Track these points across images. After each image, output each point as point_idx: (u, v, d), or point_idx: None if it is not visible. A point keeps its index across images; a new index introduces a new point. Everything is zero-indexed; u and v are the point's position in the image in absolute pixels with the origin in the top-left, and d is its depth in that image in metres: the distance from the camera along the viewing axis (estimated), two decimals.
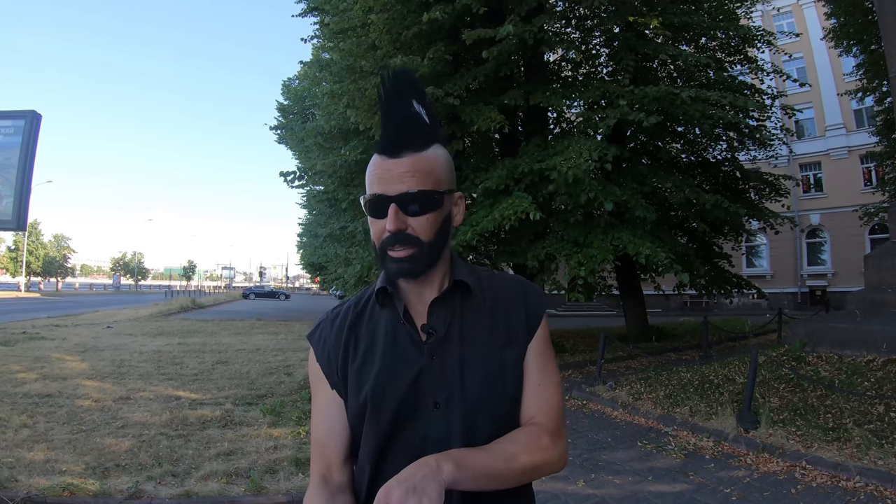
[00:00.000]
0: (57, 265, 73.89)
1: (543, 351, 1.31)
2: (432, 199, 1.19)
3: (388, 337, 1.26)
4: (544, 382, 1.28)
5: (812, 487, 4.97)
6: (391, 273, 1.23)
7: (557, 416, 1.28)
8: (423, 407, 1.21)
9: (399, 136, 1.19)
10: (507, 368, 1.25)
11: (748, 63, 14.69)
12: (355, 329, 1.32)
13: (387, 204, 1.17)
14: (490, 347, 1.25)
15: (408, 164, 1.17)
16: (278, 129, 27.08)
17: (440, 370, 1.21)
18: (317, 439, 1.32)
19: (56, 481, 4.70)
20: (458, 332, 1.25)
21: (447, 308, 1.27)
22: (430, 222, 1.20)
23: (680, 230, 14.66)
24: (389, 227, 1.17)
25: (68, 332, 17.11)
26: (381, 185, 1.18)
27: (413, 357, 1.23)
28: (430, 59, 9.94)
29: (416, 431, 1.20)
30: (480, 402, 1.21)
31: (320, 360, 1.33)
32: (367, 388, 1.23)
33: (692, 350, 13.59)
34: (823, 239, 29.25)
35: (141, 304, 35.55)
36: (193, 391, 8.72)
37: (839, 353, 8.46)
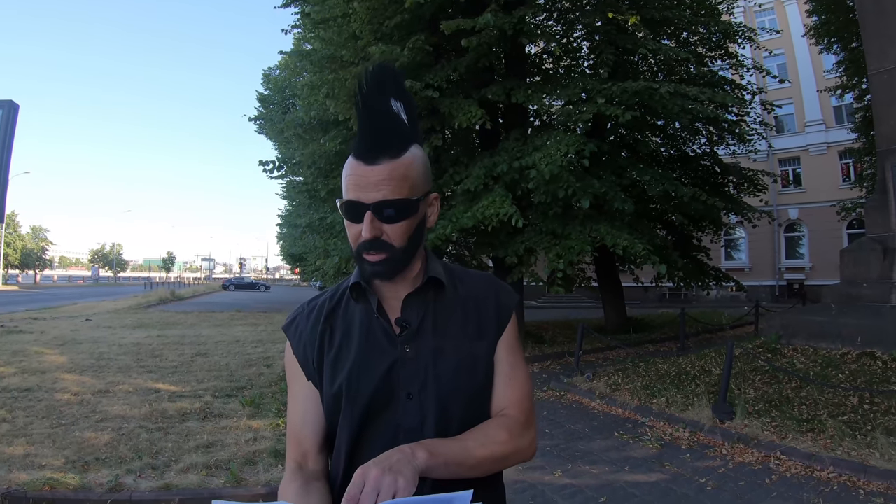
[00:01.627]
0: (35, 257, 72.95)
1: (513, 345, 1.35)
2: (407, 207, 1.21)
3: (363, 329, 1.29)
4: (514, 375, 1.32)
5: (786, 478, 5.06)
6: (367, 275, 1.26)
7: (527, 406, 1.32)
8: (396, 397, 1.23)
9: (376, 141, 1.19)
10: (478, 361, 1.28)
11: (729, 58, 14.79)
12: (331, 321, 1.34)
13: (363, 211, 1.18)
14: (462, 341, 1.28)
15: (384, 171, 1.17)
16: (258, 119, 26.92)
17: (413, 362, 1.24)
18: (292, 429, 1.34)
19: (36, 476, 4.68)
20: (430, 326, 1.28)
21: (421, 303, 1.29)
22: (404, 229, 1.21)
23: (659, 223, 14.77)
24: (365, 235, 1.18)
25: (47, 325, 16.92)
26: (357, 192, 1.19)
27: (387, 349, 1.26)
28: (410, 50, 9.90)
29: (390, 421, 1.23)
30: (452, 393, 1.24)
31: (296, 351, 1.35)
32: (341, 378, 1.25)
33: (670, 342, 13.72)
34: (801, 233, 29.57)
35: (120, 297, 35.23)
36: (173, 384, 8.68)
37: (814, 345, 8.58)
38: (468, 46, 9.79)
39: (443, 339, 1.27)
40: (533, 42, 11.74)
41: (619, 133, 13.50)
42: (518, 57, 12.01)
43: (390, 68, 1.25)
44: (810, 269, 28.59)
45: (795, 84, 28.57)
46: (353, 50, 10.97)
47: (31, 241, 73.39)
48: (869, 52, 9.75)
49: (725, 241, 27.48)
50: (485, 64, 10.74)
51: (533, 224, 10.71)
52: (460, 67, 10.56)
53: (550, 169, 8.97)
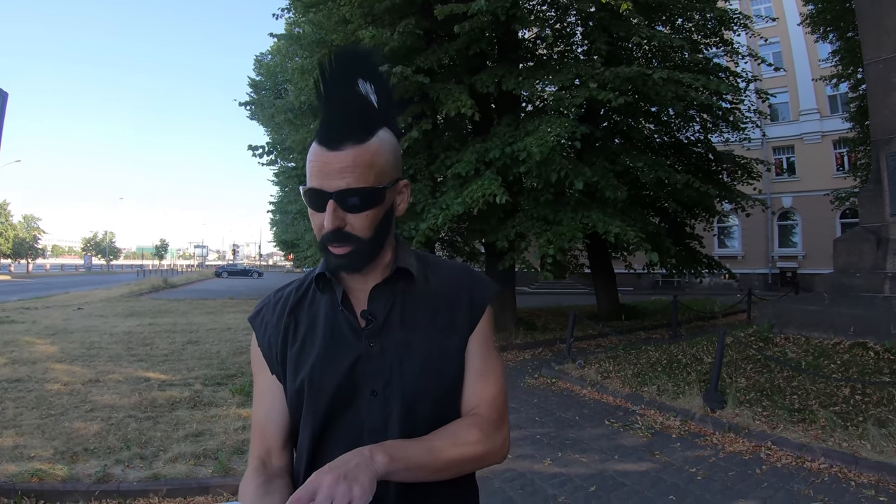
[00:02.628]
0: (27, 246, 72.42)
1: (486, 340, 1.29)
2: (373, 196, 1.14)
3: (327, 322, 1.24)
4: (486, 372, 1.26)
5: (777, 468, 5.05)
6: (332, 267, 1.21)
7: (500, 404, 1.26)
8: (360, 394, 1.19)
9: (340, 126, 1.12)
10: (448, 357, 1.23)
11: (724, 45, 14.74)
12: (295, 313, 1.29)
13: (325, 199, 1.12)
14: (431, 335, 1.23)
15: (348, 158, 1.11)
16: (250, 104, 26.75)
17: (378, 357, 1.20)
18: (257, 423, 1.30)
19: (25, 467, 4.65)
20: (398, 319, 1.22)
21: (388, 295, 1.24)
22: (369, 219, 1.16)
23: (652, 210, 14.77)
24: (327, 226, 1.12)
25: (38, 314, 16.88)
26: (320, 179, 1.13)
27: (351, 343, 1.21)
28: (401, 33, 9.82)
29: (354, 419, 1.19)
30: (419, 391, 1.19)
31: (261, 344, 1.31)
32: (303, 373, 1.21)
33: (662, 329, 13.74)
34: (795, 221, 29.60)
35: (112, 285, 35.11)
36: (163, 372, 8.66)
37: (807, 334, 8.58)
38: (460, 32, 9.71)
39: (410, 333, 1.22)
40: (526, 28, 11.66)
41: (612, 119, 13.46)
42: (511, 42, 11.91)
43: (360, 50, 1.19)
44: (803, 257, 28.64)
45: (790, 72, 28.50)
46: (344, 34, 10.87)
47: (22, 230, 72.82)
48: (865, 41, 9.71)
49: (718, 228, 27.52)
50: (477, 49, 10.66)
51: (524, 209, 10.68)
52: (451, 51, 10.49)
53: (542, 150, 8.91)
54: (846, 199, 21.07)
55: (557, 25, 13.00)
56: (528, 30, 12.54)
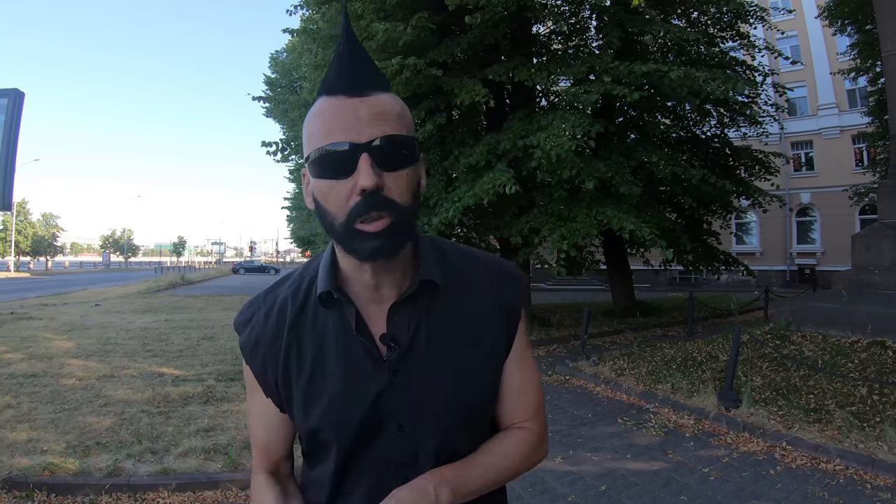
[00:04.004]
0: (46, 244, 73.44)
1: (524, 350, 1.16)
2: (412, 149, 0.97)
3: (340, 349, 1.07)
4: (527, 384, 1.16)
5: (791, 469, 4.98)
6: (365, 254, 0.95)
7: (543, 413, 1.20)
8: (385, 429, 1.05)
9: (363, 69, 0.96)
10: (481, 379, 1.10)
11: (740, 39, 14.59)
12: (297, 333, 1.10)
13: (355, 155, 0.90)
14: (459, 356, 1.08)
15: (380, 103, 0.94)
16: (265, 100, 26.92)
17: (404, 389, 1.04)
18: (258, 442, 1.20)
19: (37, 461, 4.68)
20: (423, 341, 1.06)
21: (410, 312, 1.06)
22: (410, 180, 0.97)
23: (668, 206, 14.66)
24: (365, 184, 0.89)
25: (57, 311, 16.97)
26: (344, 132, 0.91)
27: (371, 375, 1.04)
28: (413, 27, 9.80)
29: (379, 455, 1.06)
30: (451, 422, 1.06)
31: (252, 364, 1.14)
32: (318, 411, 1.06)
33: (678, 326, 13.64)
34: (813, 218, 29.30)
35: (130, 281, 35.48)
36: (177, 368, 8.70)
37: (824, 332, 8.48)
38: (472, 23, 9.67)
39: (437, 356, 1.06)
40: (540, 21, 11.61)
41: (627, 114, 13.36)
42: (524, 36, 11.86)
43: None
44: (822, 254, 28.35)
45: (808, 66, 28.11)
46: (357, 29, 10.82)
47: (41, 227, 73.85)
48: (883, 33, 9.59)
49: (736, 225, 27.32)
50: (490, 42, 10.62)
51: (538, 205, 10.64)
52: (464, 44, 10.46)
53: (557, 152, 8.87)
54: (865, 195, 20.83)
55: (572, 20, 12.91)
56: (542, 24, 12.46)
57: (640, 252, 15.57)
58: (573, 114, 9.86)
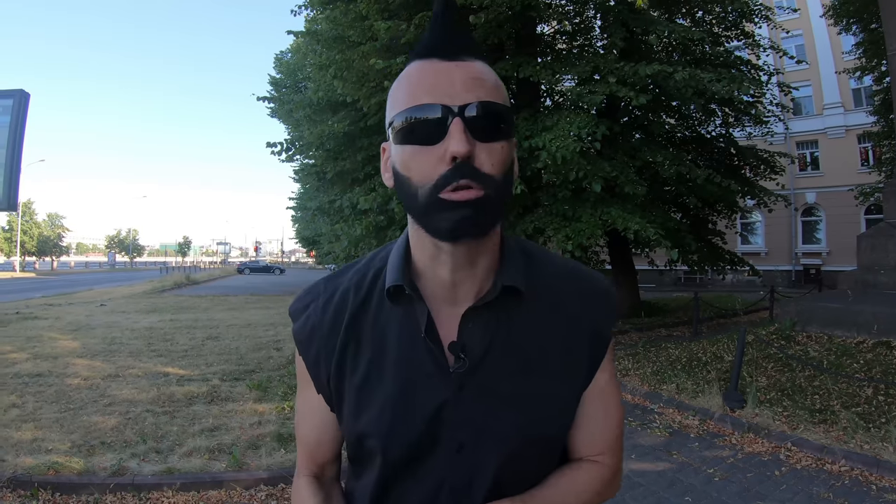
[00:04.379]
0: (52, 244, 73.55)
1: (609, 378, 1.05)
2: (510, 122, 0.88)
3: (402, 352, 0.97)
4: (607, 414, 1.04)
5: (796, 470, 4.97)
6: (447, 230, 0.85)
7: (619, 449, 1.08)
8: (442, 447, 0.95)
9: (461, 34, 0.88)
10: (557, 407, 0.99)
11: (745, 38, 14.53)
12: (355, 330, 1.01)
13: (446, 119, 0.82)
14: (539, 380, 0.96)
15: (475, 69, 0.86)
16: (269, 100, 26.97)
17: (469, 405, 0.94)
18: (305, 442, 1.13)
19: (42, 460, 4.71)
20: (498, 356, 0.95)
21: (487, 321, 0.95)
22: (503, 155, 0.86)
23: (673, 205, 14.61)
24: (457, 149, 0.80)
25: (62, 310, 17.06)
26: (435, 94, 0.83)
27: (435, 385, 0.94)
28: (417, 26, 9.78)
29: (432, 475, 0.96)
30: (517, 450, 0.95)
31: (305, 355, 1.05)
32: (369, 416, 0.98)
33: (683, 326, 13.60)
34: (819, 218, 29.19)
35: (136, 281, 35.58)
36: (182, 367, 8.72)
37: (829, 333, 8.46)
38: (476, 23, 9.66)
39: (511, 376, 0.95)
40: (544, 21, 11.58)
41: (632, 114, 13.33)
42: (529, 36, 11.84)
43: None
44: (827, 254, 28.25)
45: (814, 65, 28.01)
46: (361, 30, 10.84)
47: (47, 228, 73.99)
48: (888, 32, 9.57)
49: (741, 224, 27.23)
50: (494, 42, 10.60)
51: (543, 205, 10.62)
52: None
53: (563, 154, 8.85)
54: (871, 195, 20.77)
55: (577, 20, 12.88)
56: (546, 24, 12.43)
57: (644, 252, 15.52)
58: (578, 114, 9.83)
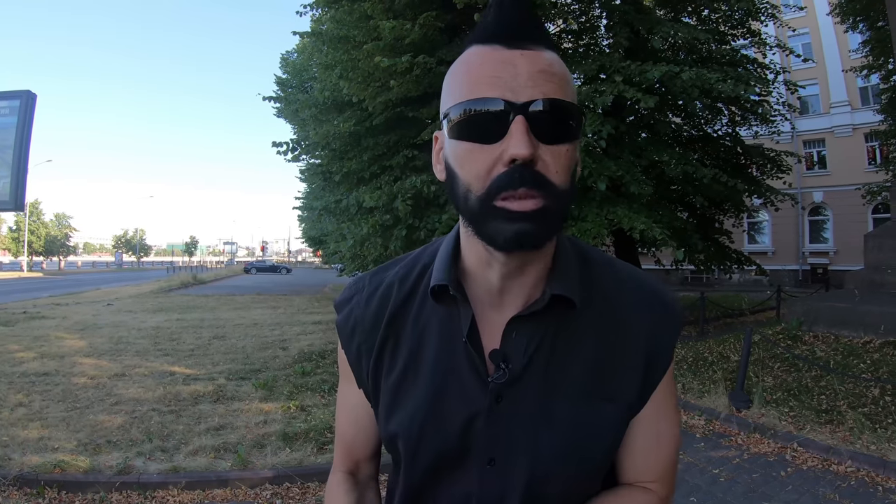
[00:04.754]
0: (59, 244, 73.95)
1: (667, 398, 0.97)
2: (578, 121, 0.80)
3: (440, 356, 0.92)
4: (661, 440, 0.96)
5: (802, 470, 4.95)
6: (504, 239, 0.77)
7: (672, 477, 0.99)
8: (473, 460, 0.90)
9: (530, 18, 0.80)
10: (601, 432, 0.90)
11: (751, 36, 14.48)
12: (396, 326, 0.97)
13: (507, 116, 0.74)
14: (583, 398, 0.89)
15: (543, 60, 0.78)
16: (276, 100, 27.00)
17: (505, 419, 0.88)
18: (343, 437, 1.10)
19: (48, 458, 4.74)
20: (541, 369, 0.89)
21: (533, 331, 0.88)
22: (569, 158, 0.79)
23: (680, 205, 14.58)
24: (518, 152, 0.73)
25: (69, 310, 17.12)
26: (497, 87, 0.75)
27: (471, 394, 0.89)
28: (422, 26, 9.77)
29: (460, 488, 0.91)
30: (552, 472, 0.88)
31: (347, 349, 1.03)
32: (400, 418, 0.94)
33: (689, 326, 13.50)
34: (826, 217, 29.03)
35: (143, 281, 35.66)
36: (188, 367, 8.75)
37: (836, 332, 8.43)
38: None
39: (555, 394, 0.89)
40: (549, 20, 11.56)
41: (638, 113, 13.30)
42: None
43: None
44: (834, 253, 28.11)
45: (820, 64, 27.83)
46: (366, 30, 10.84)
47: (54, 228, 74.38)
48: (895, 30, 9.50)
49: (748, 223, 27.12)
50: None
51: None
52: None
53: None
54: (878, 194, 20.72)
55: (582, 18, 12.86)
56: (552, 23, 12.41)
57: (651, 251, 15.48)
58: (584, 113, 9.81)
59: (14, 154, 14.40)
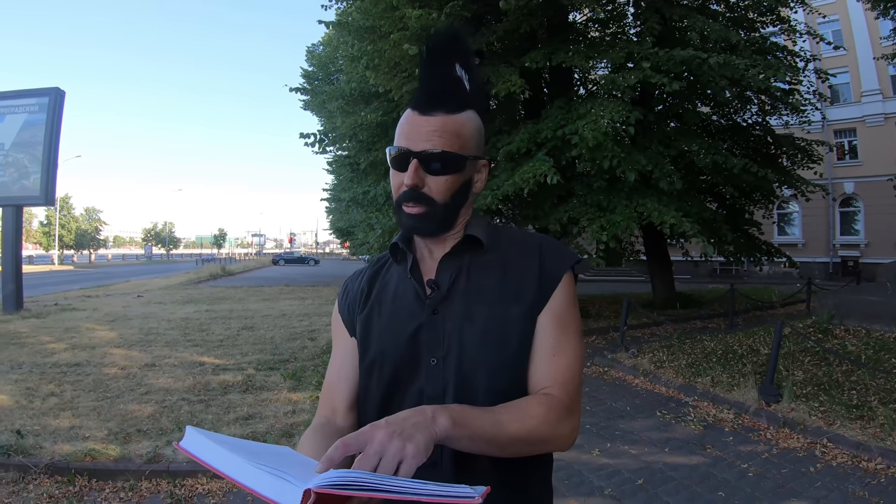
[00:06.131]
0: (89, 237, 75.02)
1: (561, 317, 1.23)
2: (455, 162, 1.19)
3: (397, 291, 1.29)
4: (560, 351, 1.20)
5: (832, 467, 4.87)
6: (405, 228, 1.24)
7: (572, 389, 1.19)
8: (422, 363, 1.20)
9: (434, 95, 1.20)
10: (509, 328, 1.19)
11: (780, 23, 14.23)
12: (371, 281, 1.36)
13: (409, 159, 1.18)
14: (494, 305, 1.21)
15: (437, 123, 1.18)
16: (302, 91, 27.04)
17: (440, 325, 1.20)
18: (327, 383, 1.35)
19: (79, 447, 4.81)
20: (462, 288, 1.23)
21: (455, 263, 1.26)
22: (447, 184, 1.20)
23: (709, 195, 14.42)
24: (406, 182, 1.18)
25: (99, 302, 17.37)
26: (408, 140, 1.19)
27: (415, 312, 1.23)
28: (448, 15, 9.72)
29: (415, 387, 1.20)
30: (477, 360, 1.17)
31: (342, 310, 1.38)
32: (369, 339, 1.27)
33: (718, 318, 13.42)
34: (857, 208, 28.47)
35: (172, 273, 36.03)
36: (217, 357, 8.85)
37: (867, 326, 8.31)
38: (507, 9, 9.59)
39: (473, 302, 1.21)
40: (576, 8, 11.46)
41: (666, 102, 13.15)
42: (561, 23, 11.72)
43: (459, 33, 1.28)
44: (866, 245, 27.57)
45: (851, 51, 27.22)
46: (391, 20, 10.81)
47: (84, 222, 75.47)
48: None
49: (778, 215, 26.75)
50: (526, 30, 10.52)
51: (578, 195, 10.55)
52: (500, 31, 10.39)
53: (595, 136, 8.78)
54: None
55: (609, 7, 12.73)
56: (578, 11, 12.30)
57: (680, 243, 15.36)
58: (611, 101, 9.73)
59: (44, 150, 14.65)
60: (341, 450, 0.88)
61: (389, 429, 0.91)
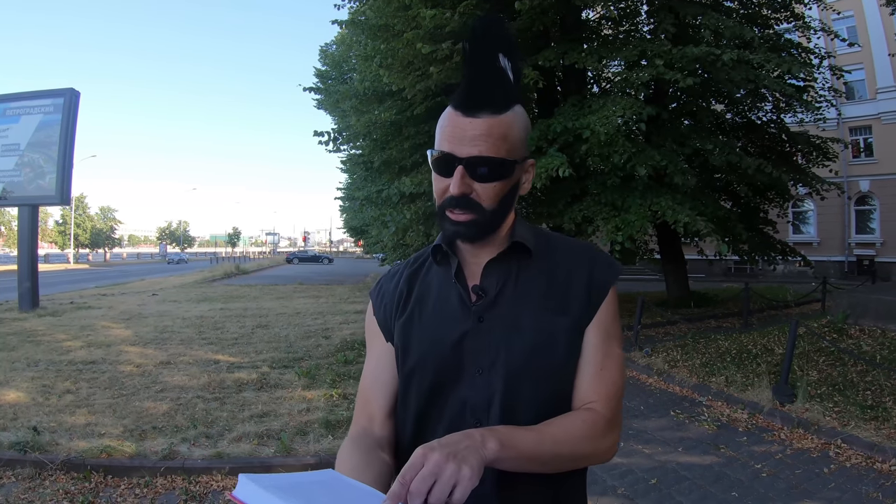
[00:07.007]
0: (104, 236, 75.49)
1: (608, 330, 1.21)
2: (503, 168, 1.14)
3: (439, 295, 1.24)
4: (606, 366, 1.18)
5: (846, 468, 4.84)
6: (448, 234, 1.20)
7: (616, 404, 1.18)
8: (465, 371, 1.16)
9: (479, 93, 1.12)
10: (557, 338, 1.16)
11: (795, 20, 14.11)
12: (410, 283, 1.30)
13: (454, 165, 1.12)
14: (541, 314, 1.17)
15: (484, 126, 1.11)
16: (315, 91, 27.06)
17: (486, 334, 1.16)
18: (363, 391, 1.30)
19: (95, 444, 4.84)
20: (509, 296, 1.19)
21: (502, 270, 1.21)
22: (496, 190, 1.14)
23: (723, 193, 14.34)
24: (453, 191, 1.12)
25: (115, 300, 17.51)
26: (452, 144, 1.12)
27: (459, 318, 1.19)
28: (461, 14, 9.72)
29: (457, 396, 1.17)
30: (523, 370, 1.14)
31: (377, 313, 1.33)
32: (409, 345, 1.22)
33: (732, 318, 13.34)
34: (873, 207, 28.16)
35: (186, 272, 36.23)
36: (232, 355, 8.92)
37: (883, 326, 8.25)
38: (521, 9, 9.58)
39: (520, 311, 1.18)
40: (589, 6, 11.43)
41: (680, 100, 13.09)
42: (574, 22, 11.70)
43: (501, 22, 1.19)
44: (881, 244, 27.27)
45: (866, 48, 26.87)
46: (404, 19, 10.82)
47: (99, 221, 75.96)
48: None
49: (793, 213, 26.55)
50: (539, 28, 10.50)
51: (591, 193, 10.53)
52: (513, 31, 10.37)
53: (606, 130, 8.76)
54: None
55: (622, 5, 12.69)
56: (591, 9, 12.27)
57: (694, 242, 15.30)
58: (624, 98, 9.70)
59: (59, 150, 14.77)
60: (405, 487, 0.87)
61: (444, 451, 0.91)
